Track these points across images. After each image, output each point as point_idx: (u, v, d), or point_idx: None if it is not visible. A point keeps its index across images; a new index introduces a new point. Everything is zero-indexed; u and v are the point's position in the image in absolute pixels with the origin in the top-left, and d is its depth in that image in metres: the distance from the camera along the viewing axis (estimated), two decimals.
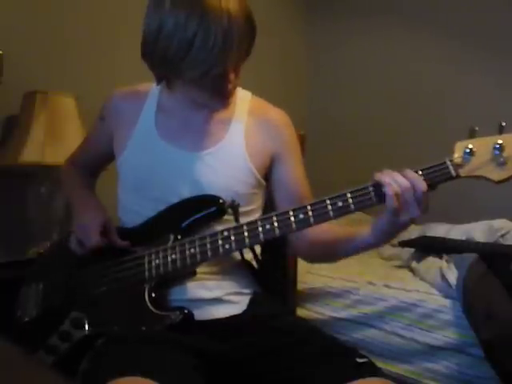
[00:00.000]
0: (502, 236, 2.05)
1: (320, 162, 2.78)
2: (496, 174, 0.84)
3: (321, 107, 3.41)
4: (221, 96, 1.03)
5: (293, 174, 1.12)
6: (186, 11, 0.89)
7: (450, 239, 2.08)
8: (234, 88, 1.04)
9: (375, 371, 0.91)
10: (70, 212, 1.90)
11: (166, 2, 0.92)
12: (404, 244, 2.23)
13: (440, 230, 2.30)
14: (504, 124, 0.85)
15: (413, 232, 2.45)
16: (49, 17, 1.98)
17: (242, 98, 1.14)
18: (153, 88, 1.14)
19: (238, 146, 1.08)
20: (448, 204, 2.73)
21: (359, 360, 0.93)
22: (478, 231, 2.12)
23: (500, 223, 2.13)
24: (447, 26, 2.91)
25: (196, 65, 0.92)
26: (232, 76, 0.98)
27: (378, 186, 0.88)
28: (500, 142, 0.84)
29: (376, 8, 3.20)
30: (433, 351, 1.69)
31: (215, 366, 0.96)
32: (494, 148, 0.84)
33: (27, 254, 1.80)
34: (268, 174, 1.13)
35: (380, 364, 1.48)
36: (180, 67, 0.94)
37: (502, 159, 0.84)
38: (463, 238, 2.10)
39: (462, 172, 0.86)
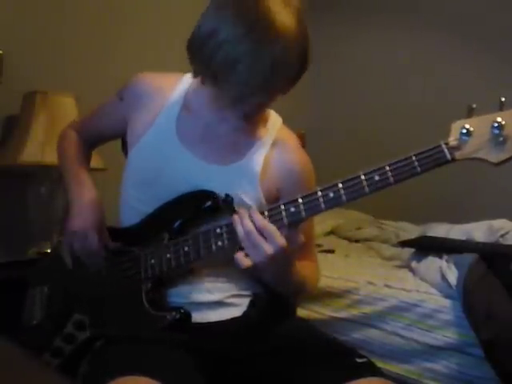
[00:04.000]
0: (502, 236, 2.04)
1: (320, 162, 2.77)
2: (495, 156, 0.77)
3: (321, 106, 3.41)
4: (247, 115, 0.99)
5: None
6: (245, 25, 0.84)
7: (449, 239, 2.07)
8: (264, 112, 1.03)
9: (375, 371, 0.91)
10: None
11: (229, 8, 0.86)
12: (404, 244, 2.23)
13: (440, 230, 2.29)
14: (503, 99, 0.78)
15: (413, 232, 2.45)
16: (49, 17, 1.98)
17: (273, 124, 1.09)
18: (182, 80, 1.08)
19: (254, 171, 1.03)
20: (448, 204, 2.74)
21: (359, 360, 0.93)
22: (477, 231, 2.11)
23: (500, 223, 2.12)
24: (449, 24, 2.91)
25: (236, 84, 0.88)
26: (268, 104, 0.96)
27: (370, 174, 0.84)
28: (499, 119, 0.76)
29: (377, 7, 3.20)
30: (433, 351, 1.69)
31: (215, 366, 0.96)
32: (493, 127, 0.76)
33: (27, 254, 1.81)
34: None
35: (380, 364, 1.48)
36: (219, 79, 0.89)
37: (501, 138, 0.75)
38: (463, 238, 2.09)
39: (459, 155, 0.79)
